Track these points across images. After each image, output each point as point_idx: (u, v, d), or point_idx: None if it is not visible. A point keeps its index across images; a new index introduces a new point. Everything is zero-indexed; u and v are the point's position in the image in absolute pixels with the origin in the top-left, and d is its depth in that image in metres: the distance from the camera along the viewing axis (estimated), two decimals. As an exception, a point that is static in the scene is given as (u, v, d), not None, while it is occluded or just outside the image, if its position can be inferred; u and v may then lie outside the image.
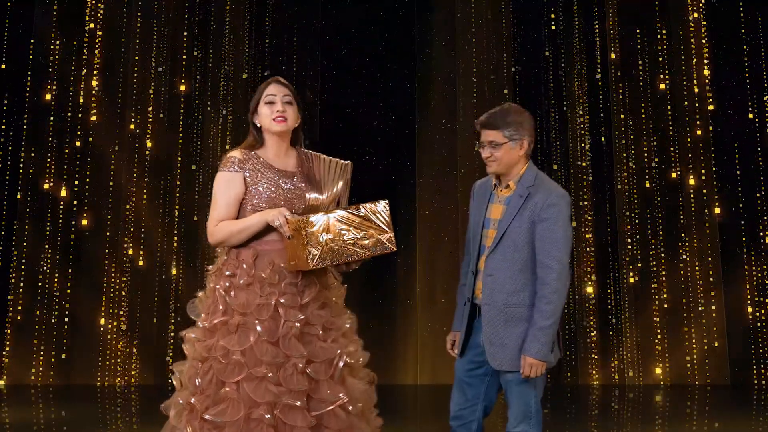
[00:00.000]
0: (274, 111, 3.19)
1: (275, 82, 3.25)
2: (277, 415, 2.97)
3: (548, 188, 3.21)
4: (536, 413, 3.22)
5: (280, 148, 3.25)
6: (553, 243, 3.13)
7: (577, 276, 8.08)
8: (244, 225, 3.13)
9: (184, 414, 3.07)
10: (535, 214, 3.16)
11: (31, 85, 7.91)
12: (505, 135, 3.20)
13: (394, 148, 8.30)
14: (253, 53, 8.25)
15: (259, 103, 3.22)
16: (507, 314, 3.18)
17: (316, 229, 2.98)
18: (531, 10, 8.30)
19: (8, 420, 6.16)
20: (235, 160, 3.17)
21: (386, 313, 8.03)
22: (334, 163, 3.33)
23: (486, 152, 3.23)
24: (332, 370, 3.09)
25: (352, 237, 3.02)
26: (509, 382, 3.21)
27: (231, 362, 3.01)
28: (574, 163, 8.22)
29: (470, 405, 3.32)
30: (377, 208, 3.07)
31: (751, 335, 7.85)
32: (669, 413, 6.85)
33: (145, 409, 6.92)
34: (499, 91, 8.14)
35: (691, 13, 8.16)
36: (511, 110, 3.25)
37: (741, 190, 8.01)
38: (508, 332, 3.17)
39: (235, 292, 3.10)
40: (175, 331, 7.90)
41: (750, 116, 8.04)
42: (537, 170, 3.28)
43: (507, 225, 3.19)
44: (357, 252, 3.03)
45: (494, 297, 3.19)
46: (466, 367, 3.33)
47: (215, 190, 3.19)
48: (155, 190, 8.08)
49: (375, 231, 3.05)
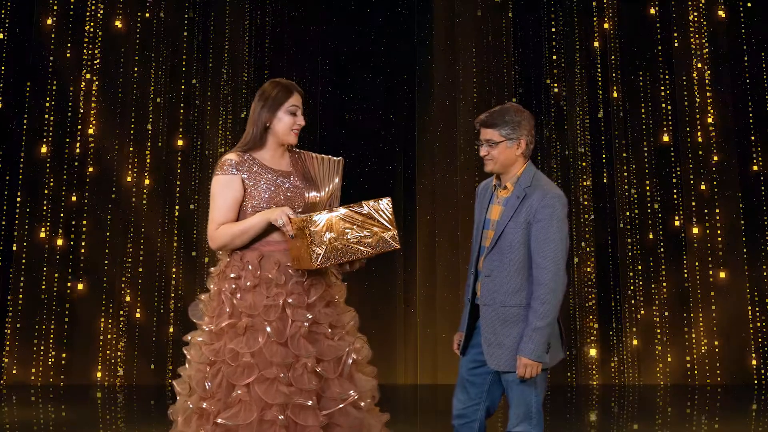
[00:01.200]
0: (296, 123, 3.18)
1: (297, 92, 3.21)
2: (288, 416, 2.96)
3: (544, 189, 3.21)
4: (537, 413, 3.22)
5: (278, 151, 3.24)
6: (547, 243, 3.14)
7: (577, 276, 8.08)
8: (246, 226, 3.10)
9: (193, 419, 3.05)
10: (531, 214, 3.16)
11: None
12: (501, 134, 3.21)
13: (393, 154, 8.30)
14: (252, 60, 8.25)
15: (280, 110, 3.18)
16: (505, 315, 3.18)
17: (320, 228, 2.95)
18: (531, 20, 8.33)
19: (8, 420, 6.16)
20: (232, 163, 3.14)
21: (386, 314, 8.04)
22: (327, 159, 3.33)
23: (483, 151, 3.24)
24: (341, 367, 3.09)
25: (355, 235, 3.00)
26: (509, 383, 3.22)
27: (241, 364, 2.99)
28: (574, 164, 8.21)
29: (473, 404, 3.32)
30: (380, 205, 3.06)
31: (752, 336, 7.86)
32: (668, 413, 6.85)
33: (146, 409, 6.93)
34: (499, 96, 8.13)
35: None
36: (510, 109, 3.25)
37: (742, 194, 8.02)
38: (505, 332, 3.18)
39: (241, 294, 3.08)
40: (175, 331, 7.91)
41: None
42: (535, 171, 3.28)
43: (504, 226, 3.19)
44: (361, 250, 3.01)
45: (492, 297, 3.20)
46: (468, 365, 3.33)
47: (213, 193, 3.15)
48: (155, 191, 8.08)
49: (378, 229, 3.04)
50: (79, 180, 7.96)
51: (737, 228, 7.99)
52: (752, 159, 8.04)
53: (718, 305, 7.92)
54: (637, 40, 8.21)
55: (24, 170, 7.89)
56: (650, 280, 8.04)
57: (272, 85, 3.23)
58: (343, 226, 2.99)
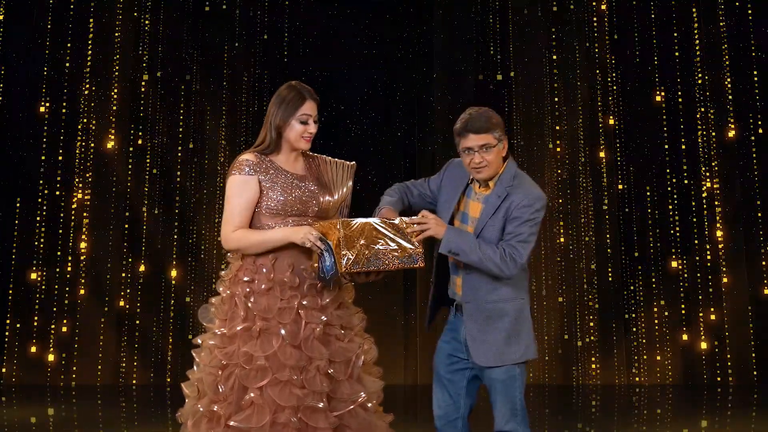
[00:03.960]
0: (307, 131, 3.17)
1: (312, 100, 3.19)
2: (300, 418, 2.96)
3: (526, 189, 3.18)
4: (522, 410, 3.20)
5: (291, 154, 3.23)
6: (516, 237, 3.12)
7: (577, 277, 8.09)
8: (266, 239, 3.09)
9: (203, 422, 3.04)
10: (509, 212, 3.15)
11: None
12: (495, 137, 3.16)
13: (394, 165, 8.29)
14: (252, 63, 8.26)
15: (293, 118, 3.16)
16: (488, 311, 3.18)
17: (354, 230, 2.96)
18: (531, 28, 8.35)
19: (8, 420, 6.16)
20: (249, 163, 3.13)
21: (386, 314, 8.04)
22: (340, 164, 3.34)
23: (478, 158, 3.15)
24: (350, 369, 3.09)
25: (385, 247, 3.01)
26: (494, 380, 3.20)
27: (254, 367, 2.99)
28: (575, 167, 8.23)
29: (453, 402, 3.30)
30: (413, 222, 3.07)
31: (752, 336, 7.86)
32: (669, 413, 6.85)
33: (145, 409, 6.93)
34: (499, 105, 8.11)
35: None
36: (489, 111, 3.20)
37: (742, 193, 8.02)
38: (490, 327, 3.17)
39: (255, 298, 3.07)
40: (174, 332, 7.91)
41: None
42: (516, 169, 3.26)
43: (483, 224, 3.18)
44: (386, 263, 3.01)
45: (474, 294, 3.19)
46: (445, 362, 3.32)
47: (229, 193, 3.12)
48: (154, 192, 8.08)
49: (408, 245, 3.04)
50: (80, 178, 7.98)
51: (737, 232, 7.99)
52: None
53: (718, 306, 7.93)
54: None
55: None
56: (651, 281, 8.05)
57: (288, 89, 3.21)
58: (375, 235, 2.99)
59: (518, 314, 3.20)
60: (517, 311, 3.20)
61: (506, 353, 3.17)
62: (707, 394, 7.63)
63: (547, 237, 8.09)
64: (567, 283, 8.11)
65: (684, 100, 8.10)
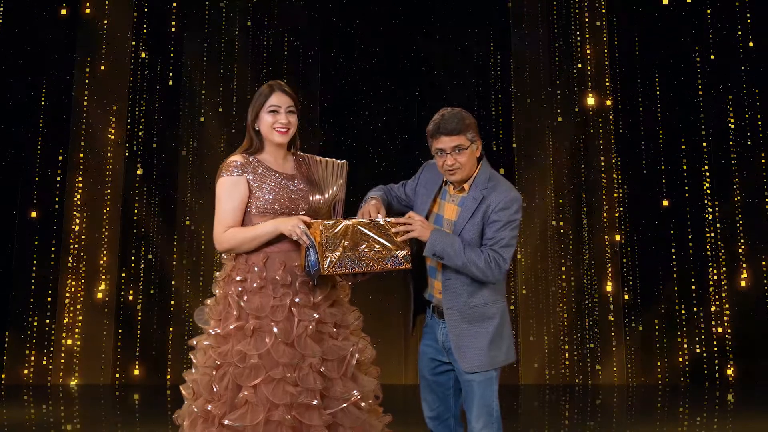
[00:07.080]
0: (278, 122, 3.17)
1: (279, 91, 3.20)
2: (294, 416, 2.96)
3: (502, 191, 3.15)
4: (498, 417, 3.19)
5: (279, 153, 3.23)
6: (498, 242, 3.09)
7: (577, 277, 8.09)
8: (257, 233, 3.10)
9: (198, 423, 3.05)
10: (487, 215, 3.12)
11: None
12: (468, 138, 3.13)
13: (395, 166, 8.31)
14: (253, 63, 8.28)
15: (261, 110, 3.18)
16: (470, 315, 3.15)
17: (337, 232, 2.94)
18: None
19: (8, 420, 6.17)
20: (237, 164, 3.14)
21: (386, 313, 8.04)
22: (331, 163, 3.34)
23: (451, 160, 3.12)
24: (344, 367, 3.09)
25: (369, 248, 2.99)
26: (471, 383, 3.17)
27: (248, 366, 2.99)
28: (574, 165, 8.23)
29: (443, 403, 3.31)
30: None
31: (752, 336, 7.87)
32: (668, 413, 6.86)
33: (145, 409, 6.93)
34: (498, 107, 8.12)
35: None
36: (461, 112, 3.16)
37: (741, 189, 8.04)
38: (472, 332, 3.15)
39: (248, 296, 3.08)
40: (174, 332, 7.92)
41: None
42: (491, 170, 3.22)
43: (461, 228, 3.14)
44: (371, 264, 2.99)
45: (455, 299, 3.16)
46: (429, 365, 3.33)
47: (219, 195, 3.13)
48: (153, 192, 8.09)
49: (393, 246, 3.02)
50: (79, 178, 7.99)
51: (736, 231, 8.01)
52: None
53: (718, 306, 7.93)
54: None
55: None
56: (651, 280, 8.06)
57: (261, 87, 3.24)
58: (359, 237, 2.97)
59: (501, 317, 3.18)
60: (501, 314, 3.17)
61: (490, 357, 3.15)
62: (707, 394, 7.64)
63: (547, 237, 8.09)
64: (567, 284, 8.12)
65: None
